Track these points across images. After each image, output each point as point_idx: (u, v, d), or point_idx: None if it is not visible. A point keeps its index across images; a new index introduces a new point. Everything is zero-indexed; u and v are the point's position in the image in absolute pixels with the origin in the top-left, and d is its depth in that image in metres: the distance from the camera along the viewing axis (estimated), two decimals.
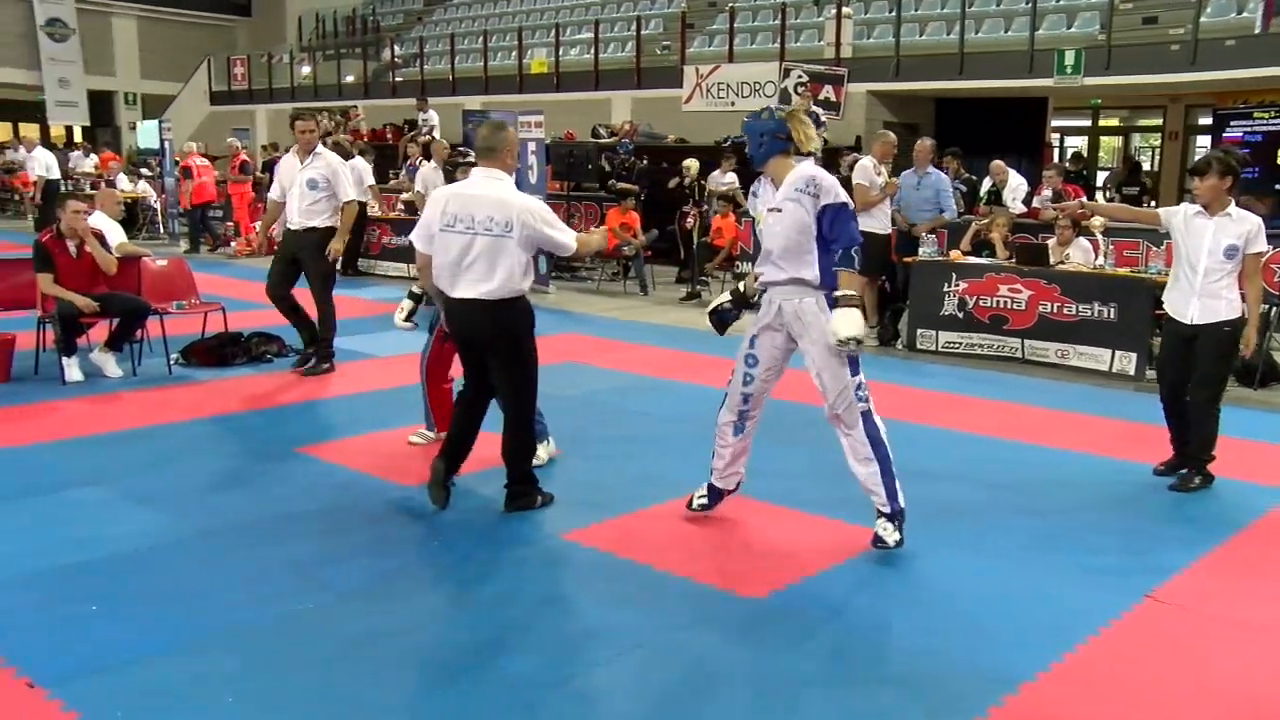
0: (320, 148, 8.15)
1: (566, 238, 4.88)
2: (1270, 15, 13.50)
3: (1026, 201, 11.23)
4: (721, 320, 5.25)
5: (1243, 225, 5.57)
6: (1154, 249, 9.28)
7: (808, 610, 4.09)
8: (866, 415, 4.65)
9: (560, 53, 20.93)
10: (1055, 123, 19.27)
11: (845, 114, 15.85)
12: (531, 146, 12.97)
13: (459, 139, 15.83)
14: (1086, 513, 5.29)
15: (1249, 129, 8.67)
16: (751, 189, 5.08)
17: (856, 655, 3.74)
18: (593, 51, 20.25)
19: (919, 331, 9.48)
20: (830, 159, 13.93)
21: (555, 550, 4.69)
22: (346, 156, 10.63)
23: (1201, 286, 5.57)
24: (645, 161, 15.36)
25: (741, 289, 5.25)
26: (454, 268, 4.79)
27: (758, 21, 19.78)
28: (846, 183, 8.73)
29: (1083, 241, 9.34)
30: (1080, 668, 3.67)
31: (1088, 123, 20.84)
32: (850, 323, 4.51)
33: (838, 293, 4.60)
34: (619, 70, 19.91)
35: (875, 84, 16.43)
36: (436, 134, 17.23)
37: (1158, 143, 19.83)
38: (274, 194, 8.31)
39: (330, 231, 7.99)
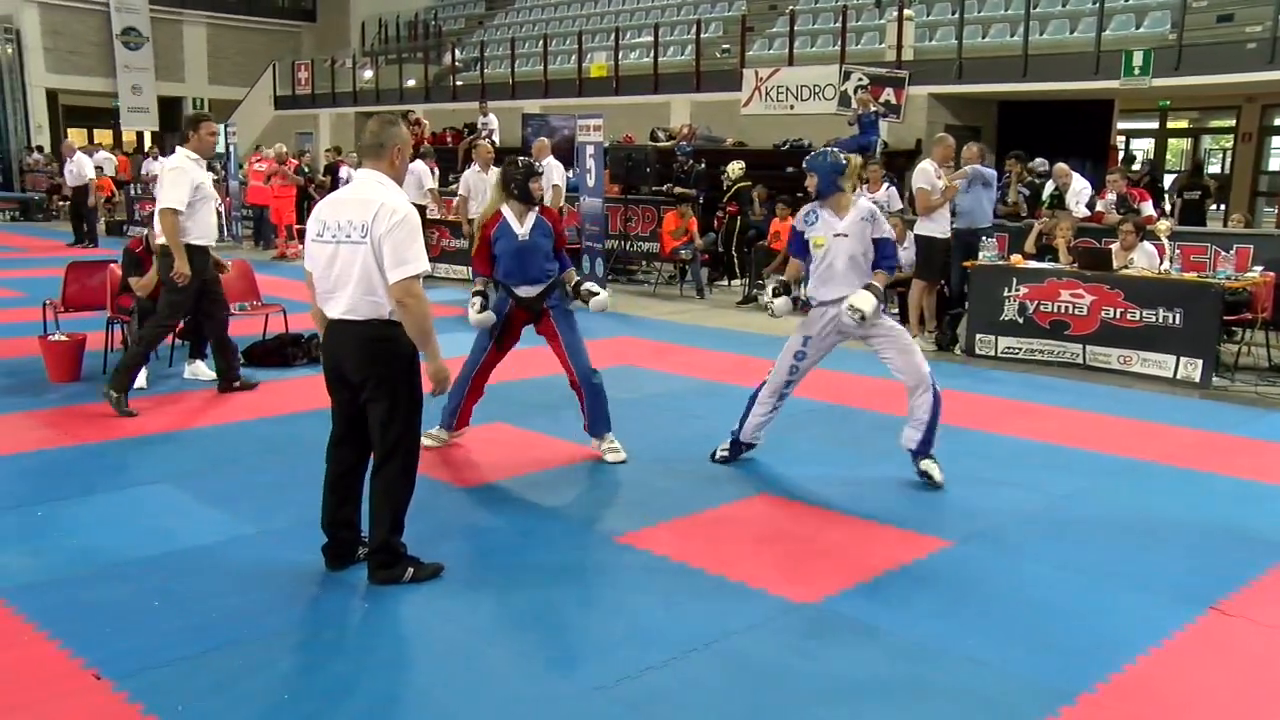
0: None
1: (411, 266, 3.96)
2: None
3: (1090, 205, 11.04)
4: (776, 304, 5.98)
5: None
6: (1222, 253, 9.08)
7: (862, 617, 4.07)
8: (934, 386, 5.72)
9: (620, 56, 21.01)
10: (1121, 125, 18.92)
11: (906, 117, 15.74)
12: (590, 150, 13.05)
13: (519, 143, 15.94)
14: (1150, 522, 5.20)
15: None
16: (804, 217, 5.81)
17: (911, 663, 3.71)
18: (652, 54, 20.28)
19: (978, 336, 9.37)
20: (890, 162, 13.85)
21: (609, 554, 4.71)
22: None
23: None
24: (704, 165, 15.35)
25: (786, 280, 6.05)
26: (321, 283, 4.15)
27: (818, 24, 19.69)
28: None
29: (1147, 246, 9.18)
30: (1139, 680, 3.61)
31: (1155, 125, 20.44)
32: (865, 300, 5.56)
33: (871, 281, 5.66)
34: (678, 73, 19.93)
35: (937, 86, 16.26)
36: (496, 138, 17.38)
37: (1230, 144, 19.38)
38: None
39: None
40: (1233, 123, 18.88)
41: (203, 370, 7.89)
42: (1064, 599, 4.27)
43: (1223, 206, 16.51)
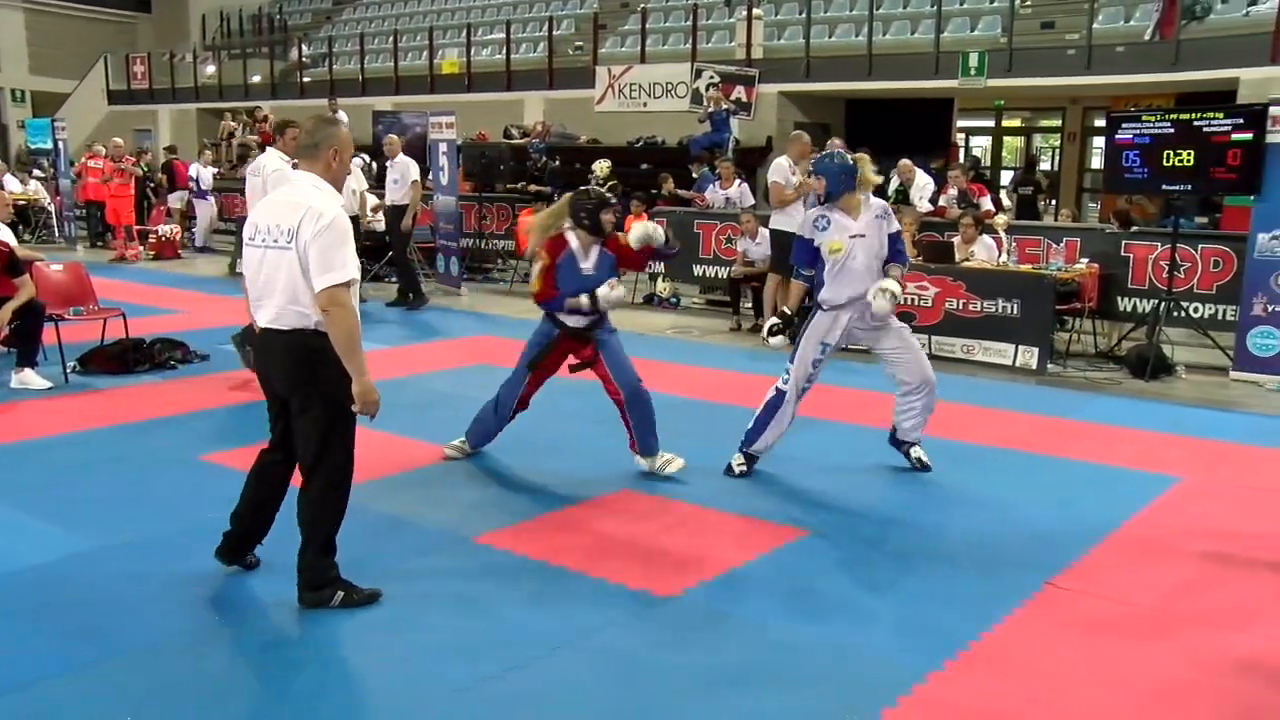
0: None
1: (337, 274, 3.75)
2: (1168, 25, 13.98)
3: (933, 200, 11.46)
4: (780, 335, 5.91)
5: None
6: (1054, 246, 9.54)
7: (723, 608, 4.13)
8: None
9: (472, 53, 20.80)
10: (961, 123, 19.70)
11: (757, 114, 16.05)
12: (443, 148, 12.88)
13: (370, 140, 15.63)
14: (993, 505, 5.43)
15: (1138, 131, 8.94)
16: (814, 224, 5.74)
17: (772, 651, 3.78)
18: (505, 52, 20.15)
19: None
20: (743, 158, 14.09)
21: (468, 555, 4.66)
22: (243, 158, 10.78)
23: None
24: (558, 162, 15.34)
25: (788, 312, 5.97)
26: (252, 289, 4.00)
27: (670, 22, 19.89)
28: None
29: (986, 239, 9.58)
30: (984, 655, 3.77)
31: (992, 123, 21.33)
32: (896, 284, 5.69)
33: (894, 272, 5.72)
34: (531, 70, 19.86)
35: (786, 85, 16.64)
36: None
37: (1057, 143, 20.38)
38: None
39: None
40: (1059, 123, 19.87)
41: (32, 379, 7.48)
42: (914, 582, 4.43)
43: (1054, 202, 17.38)
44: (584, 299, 5.65)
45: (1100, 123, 15.82)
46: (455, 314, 11.38)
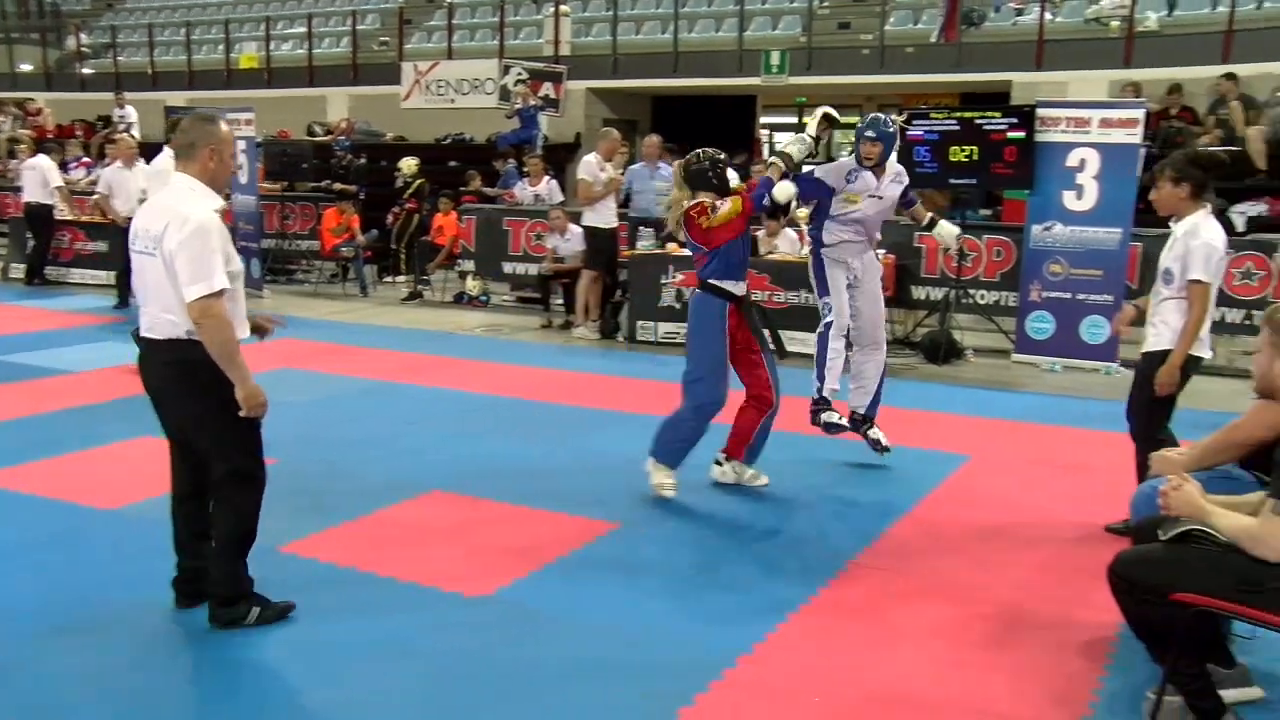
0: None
1: (205, 284, 3.54)
2: (951, 29, 14.76)
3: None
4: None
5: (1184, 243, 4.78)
6: None
7: (537, 604, 4.13)
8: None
9: (271, 47, 20.06)
10: (764, 120, 20.27)
11: (565, 111, 16.07)
12: (242, 145, 12.34)
13: (162, 137, 14.85)
14: (800, 492, 5.60)
15: (928, 129, 9.43)
16: (846, 174, 5.94)
17: (588, 644, 3.80)
18: (306, 46, 19.52)
19: (639, 323, 9.74)
20: (551, 155, 14.08)
21: (272, 565, 4.47)
22: (12, 154, 10.13)
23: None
24: (364, 160, 14.98)
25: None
26: (139, 295, 3.85)
27: (476, 18, 19.71)
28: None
29: (789, 232, 9.87)
30: (790, 636, 3.89)
31: (794, 120, 22.02)
32: (950, 230, 6.44)
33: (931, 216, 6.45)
34: (335, 66, 19.31)
35: (594, 81, 16.73)
36: (135, 132, 16.11)
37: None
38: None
39: None
40: (857, 120, 20.67)
41: None
42: (724, 570, 4.54)
43: None
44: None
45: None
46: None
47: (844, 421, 6.13)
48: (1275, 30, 12.74)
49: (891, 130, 6.03)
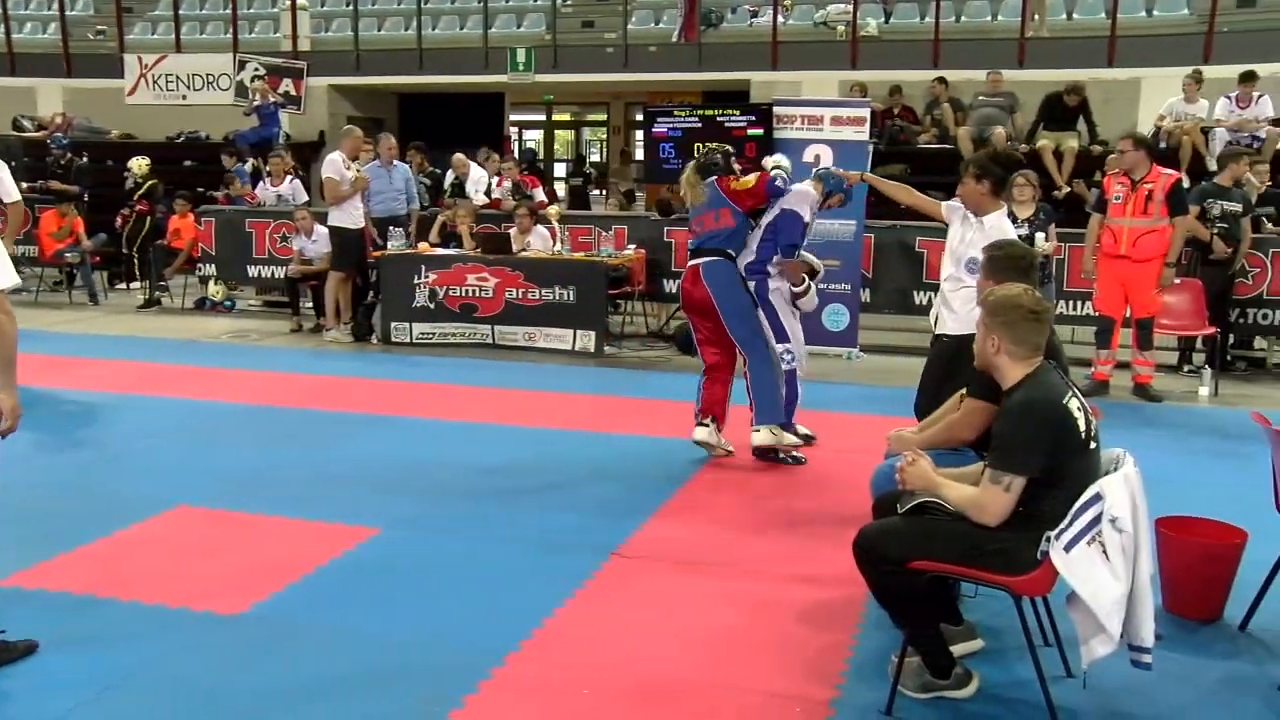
0: None
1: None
2: (690, 29, 15.24)
3: (488, 193, 11.70)
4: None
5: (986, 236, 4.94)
6: (604, 234, 10.09)
7: (295, 618, 3.99)
8: None
9: None
10: (514, 117, 20.29)
11: (307, 108, 15.54)
12: None
13: None
14: (561, 485, 5.66)
15: (672, 125, 9.73)
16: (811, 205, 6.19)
17: (349, 656, 3.71)
18: (3, 29, 17.85)
19: (393, 324, 9.56)
20: (295, 153, 13.57)
21: None
22: None
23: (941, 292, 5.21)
24: (86, 159, 13.97)
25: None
26: None
27: (206, 9, 18.69)
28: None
29: (541, 230, 9.94)
30: (558, 631, 3.93)
31: (543, 117, 22.19)
32: None
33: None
34: (43, 55, 17.79)
35: (336, 78, 16.22)
36: None
37: (604, 136, 21.59)
38: None
39: None
40: (605, 117, 21.06)
41: None
42: (487, 569, 4.52)
43: (604, 191, 18.40)
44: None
45: (640, 117, 16.95)
46: None
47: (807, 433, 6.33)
48: (975, 41, 13.90)
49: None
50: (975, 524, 3.19)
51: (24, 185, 12.76)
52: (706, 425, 6.08)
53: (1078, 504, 3.05)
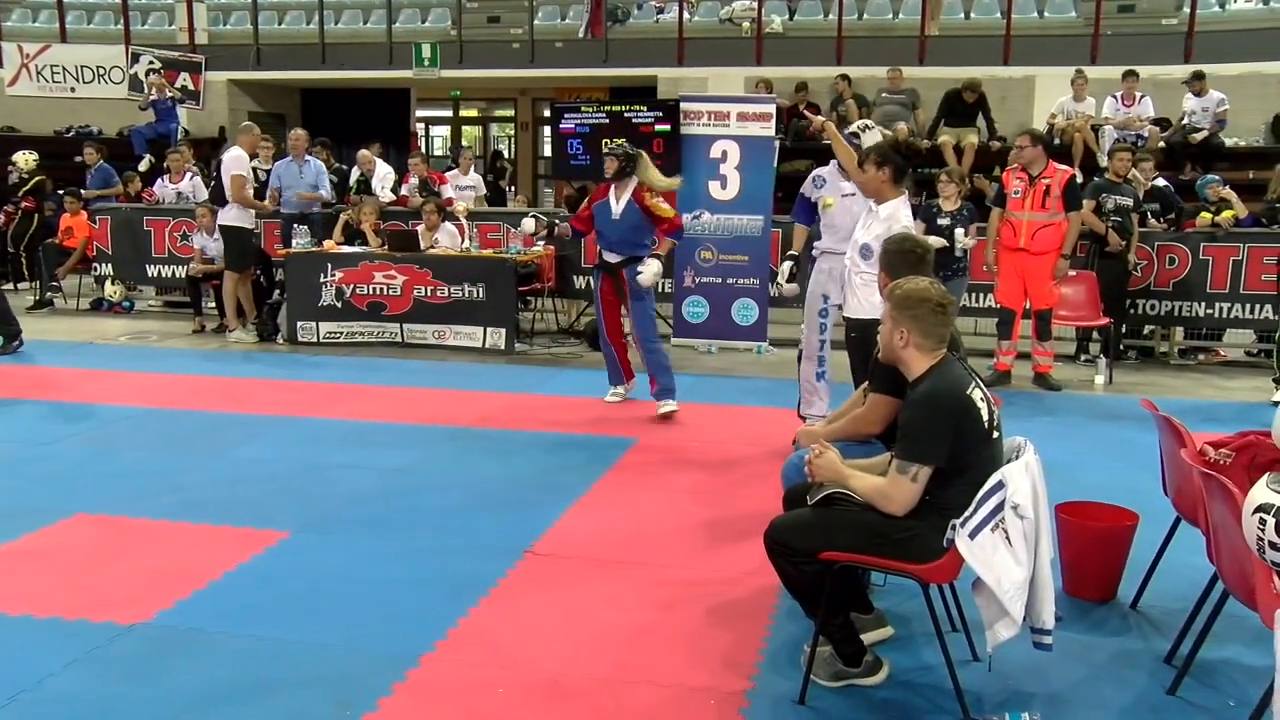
0: None
1: None
2: (597, 25, 15.23)
3: (395, 189, 11.55)
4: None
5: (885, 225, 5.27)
6: (513, 230, 10.03)
7: (200, 625, 3.89)
8: None
9: None
10: (420, 113, 20.03)
11: (206, 103, 15.18)
12: None
13: None
14: (473, 483, 5.62)
15: (580, 121, 9.71)
16: (812, 182, 6.35)
17: (255, 663, 3.63)
18: None
19: (299, 324, 9.38)
20: (195, 149, 13.23)
21: None
22: None
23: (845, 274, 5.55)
24: None
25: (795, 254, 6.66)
26: None
27: None
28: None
29: (449, 226, 9.85)
30: (472, 629, 3.91)
31: (450, 113, 21.94)
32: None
33: None
34: None
35: (236, 73, 15.84)
36: None
37: (513, 132, 21.45)
38: None
39: None
40: (513, 113, 20.92)
41: None
42: (399, 570, 4.46)
43: (514, 188, 18.28)
44: None
45: (547, 112, 16.89)
46: None
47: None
48: (875, 39, 14.16)
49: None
50: (883, 514, 3.25)
51: None
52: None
53: (981, 492, 3.13)
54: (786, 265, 6.61)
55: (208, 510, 5.08)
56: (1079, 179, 8.45)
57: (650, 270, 6.85)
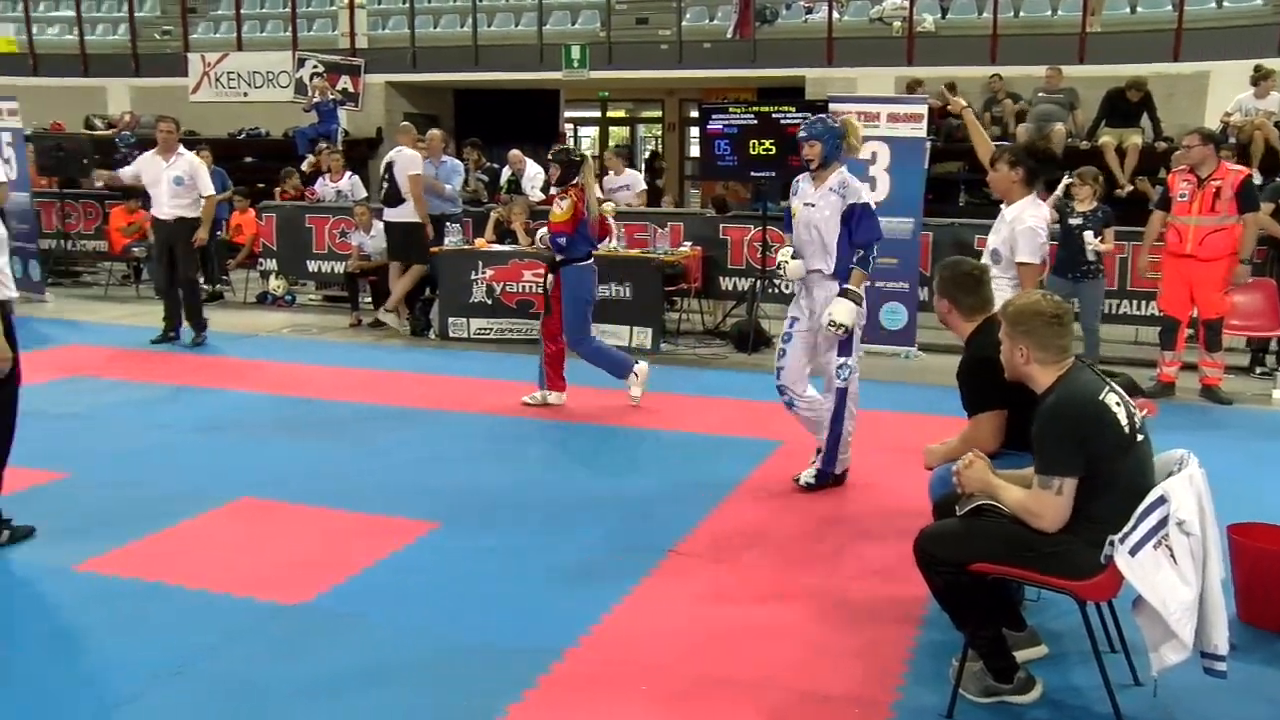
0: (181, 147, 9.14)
1: None
2: (745, 25, 15.18)
3: (544, 189, 11.73)
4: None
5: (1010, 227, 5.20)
6: (660, 231, 10.07)
7: (357, 609, 4.04)
8: (842, 393, 5.45)
9: (34, 30, 18.69)
10: (568, 114, 20.34)
11: (365, 105, 15.72)
12: (7, 138, 11.54)
13: None
14: (617, 482, 5.67)
15: (727, 122, 9.68)
16: (792, 186, 5.57)
17: (402, 648, 3.75)
18: (77, 32, 18.30)
19: (450, 320, 9.63)
20: (352, 149, 13.73)
21: (66, 585, 4.24)
22: None
23: None
24: None
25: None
26: None
27: (267, 8, 18.94)
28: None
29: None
30: (615, 628, 3.94)
31: (598, 114, 22.19)
32: (843, 312, 5.26)
33: (846, 285, 5.30)
34: (112, 55, 18.18)
35: (393, 75, 16.38)
36: None
37: (660, 133, 21.56)
38: (126, 180, 9.59)
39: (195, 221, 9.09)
40: (660, 113, 21.03)
41: None
42: (545, 564, 4.53)
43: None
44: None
45: (695, 114, 16.90)
46: (41, 323, 10.22)
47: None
48: (1032, 37, 13.70)
49: (828, 125, 5.33)
50: (1031, 527, 3.16)
51: (101, 182, 13.10)
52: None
53: (1141, 506, 3.01)
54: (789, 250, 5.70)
55: (362, 499, 5.26)
56: (1256, 179, 7.99)
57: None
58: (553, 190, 7.28)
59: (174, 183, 9.08)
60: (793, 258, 5.56)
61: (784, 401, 5.63)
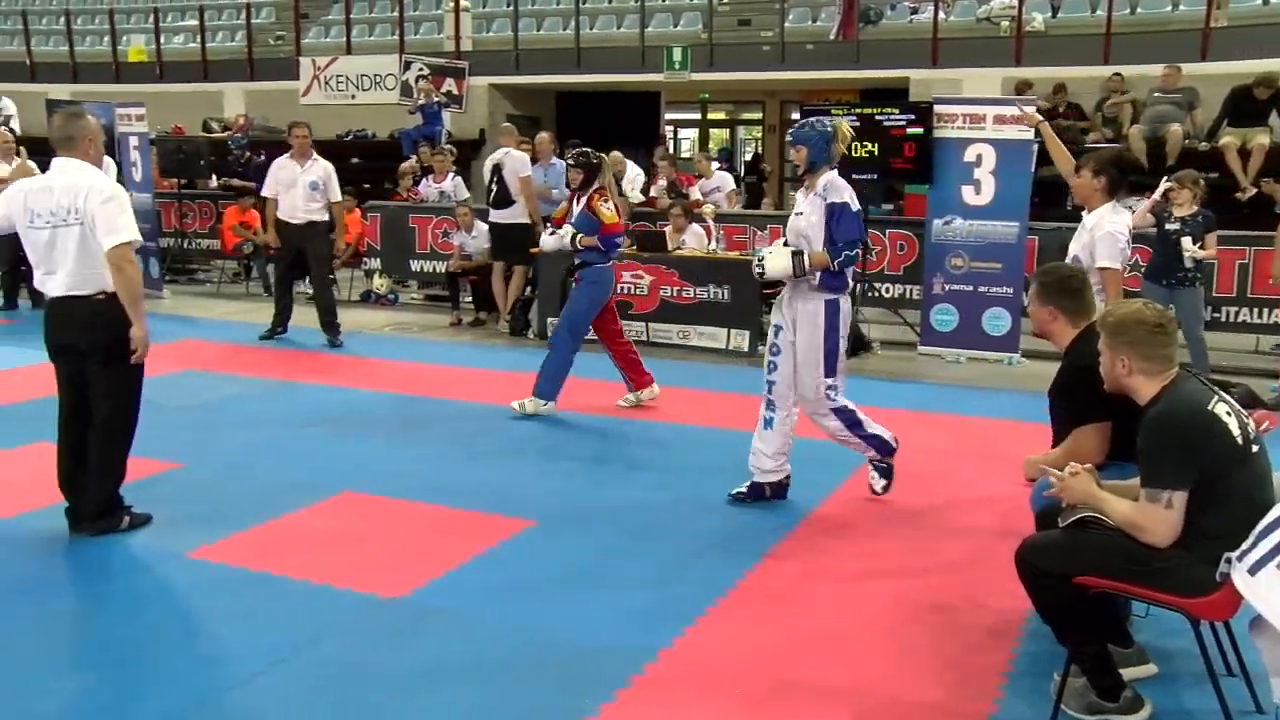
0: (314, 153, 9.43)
1: (123, 234, 4.42)
2: (849, 26, 15.02)
3: (644, 191, 11.79)
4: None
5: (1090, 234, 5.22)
6: (758, 233, 10.03)
7: (452, 604, 4.10)
8: (840, 409, 5.28)
9: (162, 40, 19.45)
10: (669, 115, 20.38)
11: (468, 106, 15.96)
12: (134, 141, 12.02)
13: (43, 131, 14.31)
14: (709, 488, 5.63)
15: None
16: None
17: (499, 643, 3.79)
18: (199, 40, 18.98)
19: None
20: (456, 151, 13.95)
21: (181, 572, 4.40)
22: None
23: None
24: (263, 156, 14.64)
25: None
26: (44, 265, 4.58)
27: (375, 12, 19.40)
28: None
29: (696, 228, 9.95)
30: (709, 631, 3.93)
31: (698, 115, 22.18)
32: (777, 263, 5.06)
33: (805, 250, 5.05)
34: (229, 60, 18.81)
35: (496, 77, 16.62)
36: (15, 125, 15.50)
37: (760, 135, 21.46)
38: (268, 192, 9.56)
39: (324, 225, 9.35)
40: (760, 115, 20.92)
41: None
42: (641, 565, 4.55)
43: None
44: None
45: (796, 115, 16.78)
46: (158, 318, 10.54)
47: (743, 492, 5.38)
48: (1149, 34, 13.24)
49: (815, 130, 5.13)
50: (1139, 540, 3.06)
51: (219, 183, 13.61)
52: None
53: (1263, 523, 2.88)
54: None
55: (459, 496, 5.33)
56: None
57: (552, 238, 7.30)
58: (578, 192, 7.27)
59: (309, 187, 9.26)
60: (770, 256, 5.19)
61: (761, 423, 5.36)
